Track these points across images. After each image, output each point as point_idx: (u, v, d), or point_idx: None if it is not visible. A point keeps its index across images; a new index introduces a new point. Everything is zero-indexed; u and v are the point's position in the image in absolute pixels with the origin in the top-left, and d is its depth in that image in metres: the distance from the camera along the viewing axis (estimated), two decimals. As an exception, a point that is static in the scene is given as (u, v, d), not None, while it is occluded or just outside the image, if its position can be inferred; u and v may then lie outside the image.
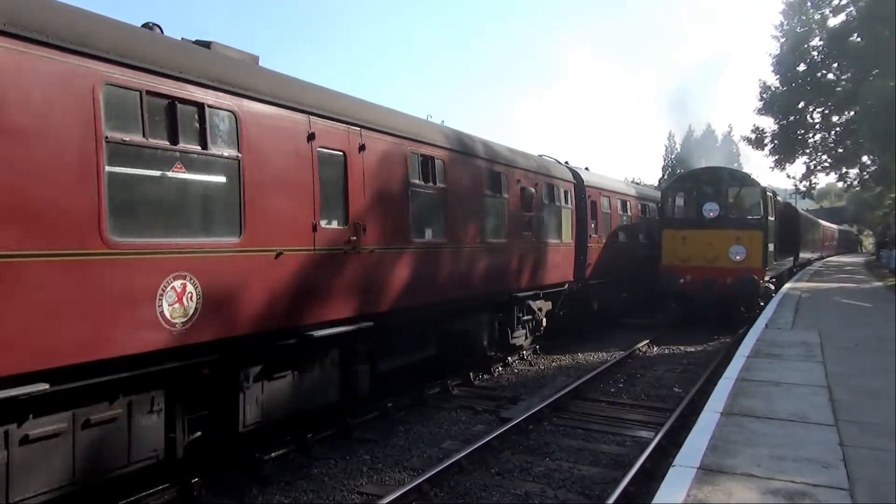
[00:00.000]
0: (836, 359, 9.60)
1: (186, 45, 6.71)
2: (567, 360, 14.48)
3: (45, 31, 4.93)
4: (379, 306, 8.63)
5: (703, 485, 4.71)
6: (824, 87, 29.29)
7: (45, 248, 4.84)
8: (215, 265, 6.21)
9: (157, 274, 5.64)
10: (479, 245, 11.37)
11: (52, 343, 4.87)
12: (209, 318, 6.09)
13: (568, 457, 8.11)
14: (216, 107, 6.32)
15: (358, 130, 8.31)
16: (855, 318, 14.75)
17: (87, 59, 5.20)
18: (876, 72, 24.52)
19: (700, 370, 13.09)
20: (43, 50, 4.90)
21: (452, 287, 10.51)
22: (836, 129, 31.03)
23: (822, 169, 33.54)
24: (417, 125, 10.11)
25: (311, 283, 7.40)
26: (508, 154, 12.99)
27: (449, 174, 10.41)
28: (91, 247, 5.14)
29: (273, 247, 6.87)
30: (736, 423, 6.27)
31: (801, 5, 29.49)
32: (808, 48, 29.72)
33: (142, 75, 5.63)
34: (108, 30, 5.62)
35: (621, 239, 19.52)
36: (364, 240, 8.22)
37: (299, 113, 7.37)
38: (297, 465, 7.72)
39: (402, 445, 8.53)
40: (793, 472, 4.95)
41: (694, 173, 21.14)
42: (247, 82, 6.77)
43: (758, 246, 18.30)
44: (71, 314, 4.99)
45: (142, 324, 5.50)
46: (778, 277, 22.71)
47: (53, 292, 4.88)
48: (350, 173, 8.11)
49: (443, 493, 6.95)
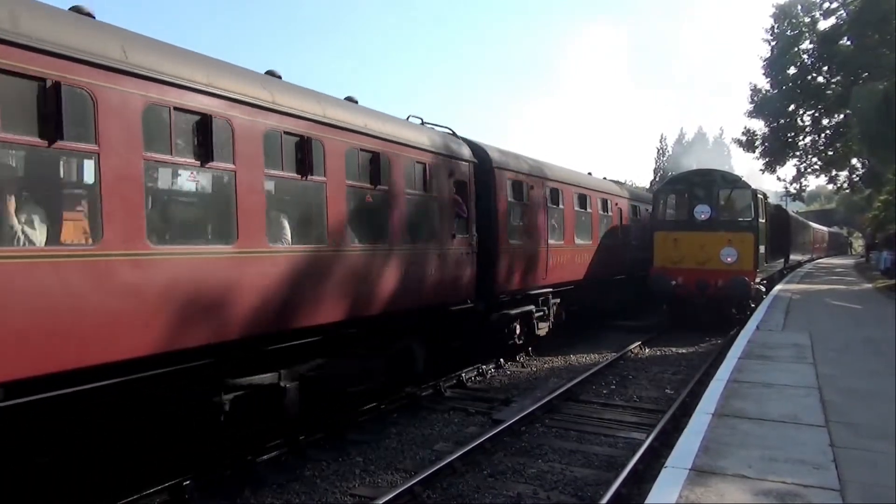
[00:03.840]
0: (826, 360, 9.65)
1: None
2: (559, 362, 14.50)
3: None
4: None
5: (694, 486, 4.72)
6: (815, 91, 29.55)
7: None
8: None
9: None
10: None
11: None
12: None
13: (560, 458, 8.12)
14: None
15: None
16: (845, 320, 14.85)
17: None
18: (866, 75, 24.74)
19: (692, 372, 13.13)
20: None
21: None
22: (826, 131, 31.31)
23: (812, 171, 33.83)
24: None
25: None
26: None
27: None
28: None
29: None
30: (727, 425, 6.29)
31: (791, 9, 29.73)
32: (799, 52, 29.98)
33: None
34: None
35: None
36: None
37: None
38: (289, 467, 7.69)
39: (394, 447, 8.52)
40: (784, 473, 4.97)
41: (685, 175, 21.22)
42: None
43: (749, 248, 18.40)
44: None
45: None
46: (769, 279, 22.84)
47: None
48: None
49: (435, 494, 6.94)
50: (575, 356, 15.08)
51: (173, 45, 6.69)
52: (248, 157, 6.88)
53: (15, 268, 4.90)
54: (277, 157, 7.36)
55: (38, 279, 5.00)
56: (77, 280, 5.26)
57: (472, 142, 12.40)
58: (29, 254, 5.09)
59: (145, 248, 5.79)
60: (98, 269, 5.43)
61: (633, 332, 18.31)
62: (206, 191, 7.33)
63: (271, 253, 7.19)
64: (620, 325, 19.56)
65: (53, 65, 5.12)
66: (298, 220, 8.11)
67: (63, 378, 5.20)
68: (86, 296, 5.31)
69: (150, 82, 5.90)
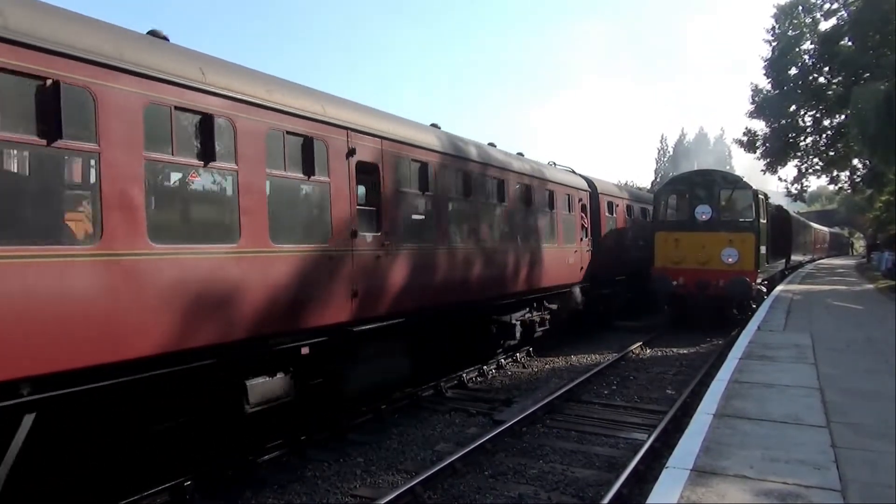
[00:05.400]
0: (827, 361, 9.64)
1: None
2: (560, 362, 14.50)
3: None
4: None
5: (695, 486, 4.72)
6: (816, 91, 29.49)
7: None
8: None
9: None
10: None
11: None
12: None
13: (561, 459, 8.12)
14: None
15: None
16: (846, 321, 14.83)
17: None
18: (867, 75, 24.70)
19: (693, 372, 13.13)
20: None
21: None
22: (827, 132, 31.24)
23: (813, 172, 33.77)
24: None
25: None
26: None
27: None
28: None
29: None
30: (729, 425, 6.28)
31: (792, 10, 29.70)
32: (800, 52, 29.94)
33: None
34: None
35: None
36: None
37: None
38: (290, 468, 7.70)
39: (395, 448, 8.52)
40: (785, 474, 4.97)
41: (686, 176, 21.24)
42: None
43: (750, 248, 18.40)
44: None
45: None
46: (770, 280, 22.83)
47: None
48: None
49: (436, 495, 6.94)
50: (576, 356, 15.09)
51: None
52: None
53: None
54: (517, 198, 13.41)
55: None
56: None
57: (584, 176, 18.41)
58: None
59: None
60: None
61: (634, 333, 18.31)
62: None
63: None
64: (621, 326, 19.57)
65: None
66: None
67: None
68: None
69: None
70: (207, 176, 6.80)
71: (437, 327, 10.88)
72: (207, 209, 7.09)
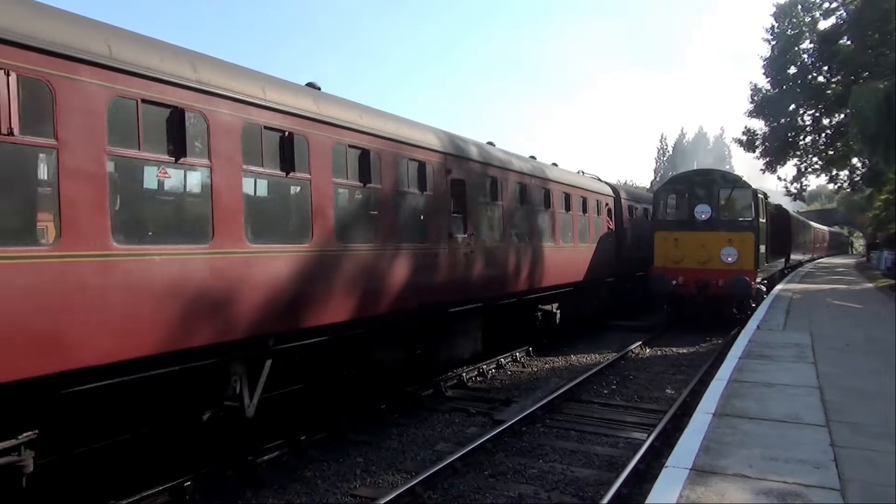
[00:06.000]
0: (827, 360, 9.65)
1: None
2: (560, 362, 14.51)
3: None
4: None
5: (695, 485, 4.72)
6: (815, 90, 29.53)
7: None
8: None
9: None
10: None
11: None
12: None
13: (561, 458, 8.12)
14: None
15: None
16: (846, 320, 14.83)
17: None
18: (866, 74, 24.72)
19: (692, 371, 13.14)
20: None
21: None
22: (826, 131, 31.27)
23: (812, 171, 33.80)
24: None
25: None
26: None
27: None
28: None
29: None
30: (728, 424, 6.29)
31: (791, 8, 29.72)
32: (799, 51, 29.97)
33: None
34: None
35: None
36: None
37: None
38: (290, 468, 7.70)
39: (395, 448, 8.52)
40: (785, 473, 4.97)
41: (686, 175, 21.24)
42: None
43: (749, 247, 18.41)
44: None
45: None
46: (769, 279, 22.83)
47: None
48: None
49: (436, 495, 6.95)
50: (576, 356, 15.09)
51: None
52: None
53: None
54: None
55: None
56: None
57: (609, 182, 20.84)
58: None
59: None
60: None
61: (633, 332, 18.32)
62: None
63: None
64: (621, 325, 19.58)
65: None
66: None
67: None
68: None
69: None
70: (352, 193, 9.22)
71: (501, 313, 13.31)
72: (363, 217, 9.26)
